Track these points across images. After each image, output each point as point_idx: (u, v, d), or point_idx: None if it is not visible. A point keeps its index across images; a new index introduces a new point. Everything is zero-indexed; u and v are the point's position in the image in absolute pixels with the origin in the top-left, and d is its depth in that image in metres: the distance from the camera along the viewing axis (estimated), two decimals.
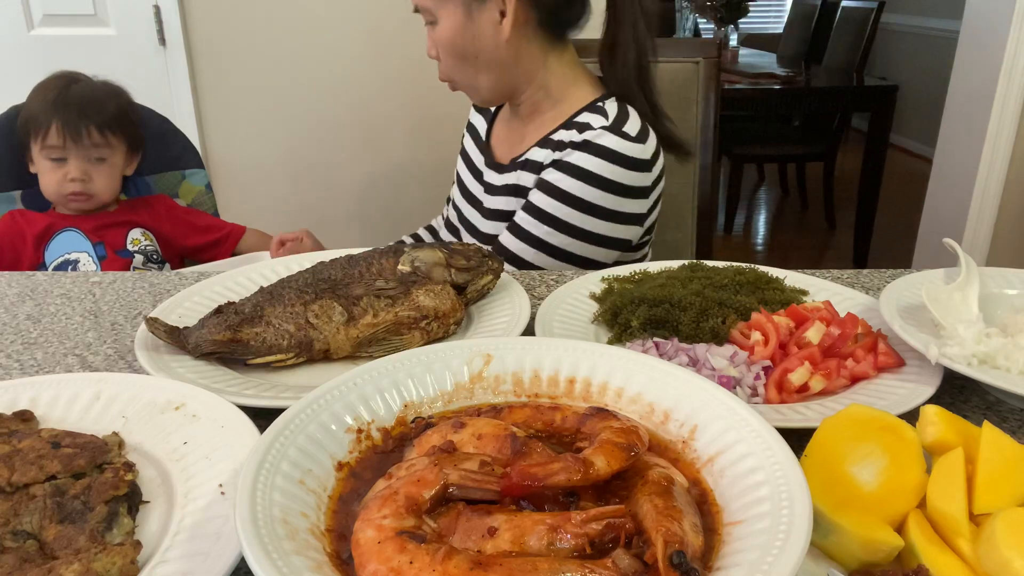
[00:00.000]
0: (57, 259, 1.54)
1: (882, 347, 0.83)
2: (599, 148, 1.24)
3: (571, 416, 0.62)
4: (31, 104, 1.56)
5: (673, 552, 0.46)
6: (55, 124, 1.51)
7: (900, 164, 5.78)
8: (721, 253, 3.75)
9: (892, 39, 6.21)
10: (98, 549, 0.54)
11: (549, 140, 1.31)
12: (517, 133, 1.39)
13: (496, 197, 1.37)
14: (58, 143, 1.52)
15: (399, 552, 0.47)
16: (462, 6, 1.23)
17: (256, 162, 2.87)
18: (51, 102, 1.52)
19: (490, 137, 1.46)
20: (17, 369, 0.89)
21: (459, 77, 1.31)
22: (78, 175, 1.53)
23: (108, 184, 1.59)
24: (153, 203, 1.68)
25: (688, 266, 1.07)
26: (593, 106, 1.30)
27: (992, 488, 0.55)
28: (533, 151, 1.32)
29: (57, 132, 1.51)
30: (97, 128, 1.54)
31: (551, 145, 1.30)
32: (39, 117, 1.52)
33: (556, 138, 1.30)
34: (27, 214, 1.58)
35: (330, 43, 2.76)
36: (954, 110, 3.05)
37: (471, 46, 1.25)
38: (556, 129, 1.31)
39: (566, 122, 1.31)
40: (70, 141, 1.52)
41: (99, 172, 1.56)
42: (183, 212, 1.72)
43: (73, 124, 1.51)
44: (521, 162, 1.33)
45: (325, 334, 0.88)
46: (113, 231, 1.60)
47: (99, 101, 1.57)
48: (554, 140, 1.30)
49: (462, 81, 1.32)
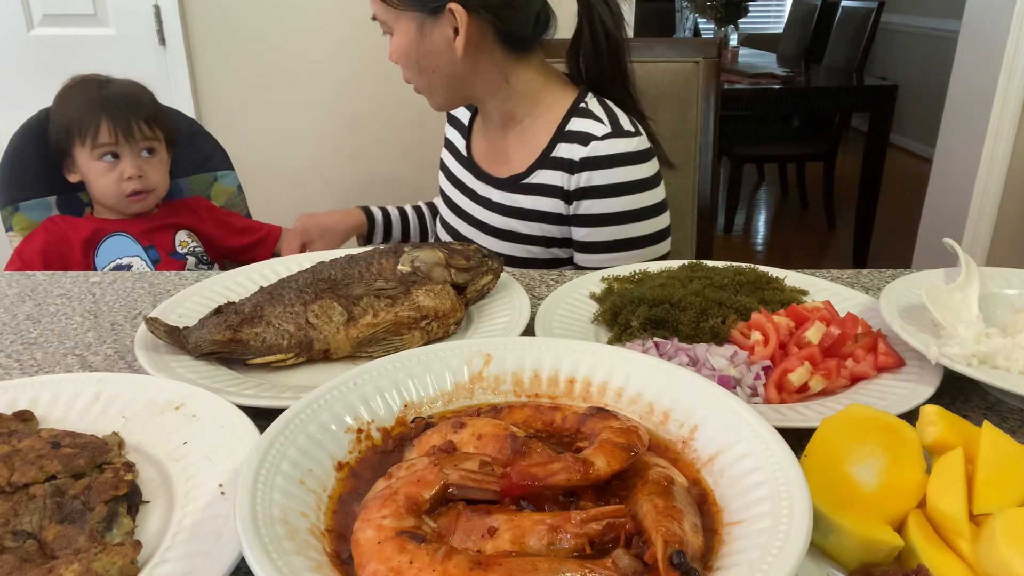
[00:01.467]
0: (109, 264, 1.53)
1: (882, 347, 0.83)
2: (615, 158, 1.25)
3: (571, 416, 0.62)
4: (67, 108, 1.53)
5: (673, 552, 0.46)
6: (105, 122, 1.50)
7: (900, 164, 5.78)
8: (721, 253, 3.75)
9: (892, 39, 6.21)
10: (98, 549, 0.54)
11: (552, 160, 1.29)
12: (499, 144, 1.38)
13: (503, 217, 1.34)
14: (110, 140, 1.50)
15: (399, 552, 0.47)
16: (415, 22, 1.22)
17: (256, 162, 2.87)
18: (94, 102, 1.51)
19: (471, 151, 1.43)
20: (17, 369, 0.89)
21: (416, 84, 1.31)
22: (134, 172, 1.52)
23: (162, 178, 1.59)
24: (193, 205, 1.67)
25: (688, 266, 1.07)
26: (578, 109, 1.29)
27: (992, 488, 0.55)
28: (540, 174, 1.30)
29: (108, 129, 1.50)
30: (145, 122, 1.54)
31: (558, 165, 1.28)
32: (84, 118, 1.50)
33: (560, 156, 1.28)
34: (68, 220, 1.56)
35: (330, 43, 2.76)
36: (954, 110, 3.05)
37: (425, 60, 1.24)
38: (551, 145, 1.29)
39: (558, 134, 1.29)
40: (122, 137, 1.51)
41: (151, 166, 1.56)
42: (222, 214, 1.72)
43: (123, 119, 1.51)
44: (524, 185, 1.31)
45: (325, 334, 0.88)
46: (161, 234, 1.59)
47: (137, 96, 1.57)
48: (559, 159, 1.28)
49: (419, 88, 1.32)
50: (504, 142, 1.36)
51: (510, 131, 1.35)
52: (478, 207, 1.39)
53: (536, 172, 1.30)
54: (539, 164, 1.30)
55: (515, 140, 1.35)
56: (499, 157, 1.38)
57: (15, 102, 1.69)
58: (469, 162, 1.42)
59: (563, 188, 1.28)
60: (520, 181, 1.32)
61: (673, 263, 1.09)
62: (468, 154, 1.43)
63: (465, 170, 1.43)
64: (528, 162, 1.31)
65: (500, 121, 1.35)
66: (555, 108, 1.31)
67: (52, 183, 1.62)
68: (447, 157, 1.50)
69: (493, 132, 1.39)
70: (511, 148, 1.35)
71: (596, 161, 1.25)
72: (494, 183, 1.36)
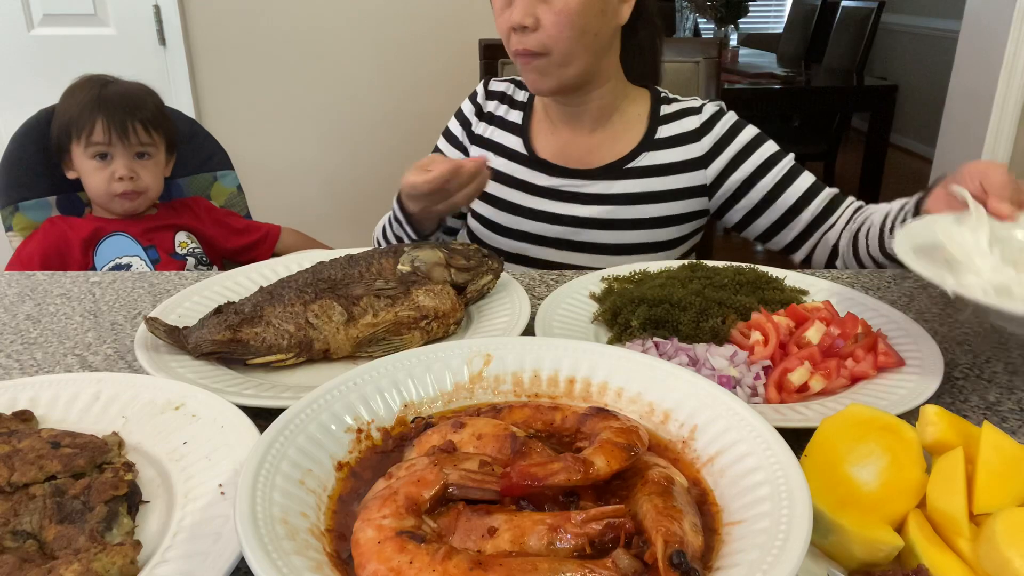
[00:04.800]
0: (108, 263, 1.53)
1: (882, 347, 0.83)
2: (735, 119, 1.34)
3: (571, 416, 0.62)
4: (69, 106, 1.54)
5: (673, 552, 0.46)
6: (100, 121, 1.50)
7: (900, 164, 5.78)
8: (721, 253, 3.74)
9: (892, 39, 6.21)
10: (98, 549, 0.54)
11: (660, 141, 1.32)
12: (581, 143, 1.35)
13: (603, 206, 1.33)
14: (103, 139, 1.50)
15: (399, 552, 0.47)
16: None
17: (256, 162, 2.87)
18: (93, 100, 1.51)
19: (533, 150, 1.38)
20: (17, 369, 0.89)
21: (560, 50, 1.20)
22: (125, 172, 1.52)
23: (154, 181, 1.58)
24: (192, 205, 1.67)
25: (688, 266, 1.07)
26: (660, 99, 1.36)
27: (992, 488, 0.55)
28: (648, 156, 1.32)
29: (103, 128, 1.50)
30: (142, 125, 1.53)
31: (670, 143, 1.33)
32: (81, 116, 1.51)
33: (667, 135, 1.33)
34: (68, 220, 1.56)
35: (330, 43, 2.76)
36: (954, 110, 3.05)
37: (593, 22, 1.19)
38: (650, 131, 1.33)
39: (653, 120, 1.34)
40: (116, 138, 1.50)
41: (145, 169, 1.55)
42: (221, 214, 1.71)
43: (119, 120, 1.50)
44: (631, 169, 1.32)
45: (325, 334, 0.88)
46: (160, 234, 1.59)
47: (138, 98, 1.56)
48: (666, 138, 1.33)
49: (558, 57, 1.21)
50: (591, 139, 1.35)
51: (601, 127, 1.35)
52: (561, 203, 1.35)
53: (642, 155, 1.32)
54: (644, 147, 1.32)
55: (605, 136, 1.35)
56: (581, 153, 1.35)
57: (15, 102, 1.69)
58: (534, 160, 1.37)
59: (693, 159, 1.32)
60: (624, 166, 1.33)
61: (673, 263, 1.09)
62: (530, 152, 1.38)
63: (529, 169, 1.37)
64: (628, 148, 1.33)
65: (596, 115, 1.34)
66: (638, 103, 1.36)
67: (52, 183, 1.61)
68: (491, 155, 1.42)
69: (580, 129, 1.36)
70: (599, 143, 1.35)
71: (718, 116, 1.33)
72: (584, 175, 1.34)
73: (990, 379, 0.85)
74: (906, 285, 1.12)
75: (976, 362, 0.89)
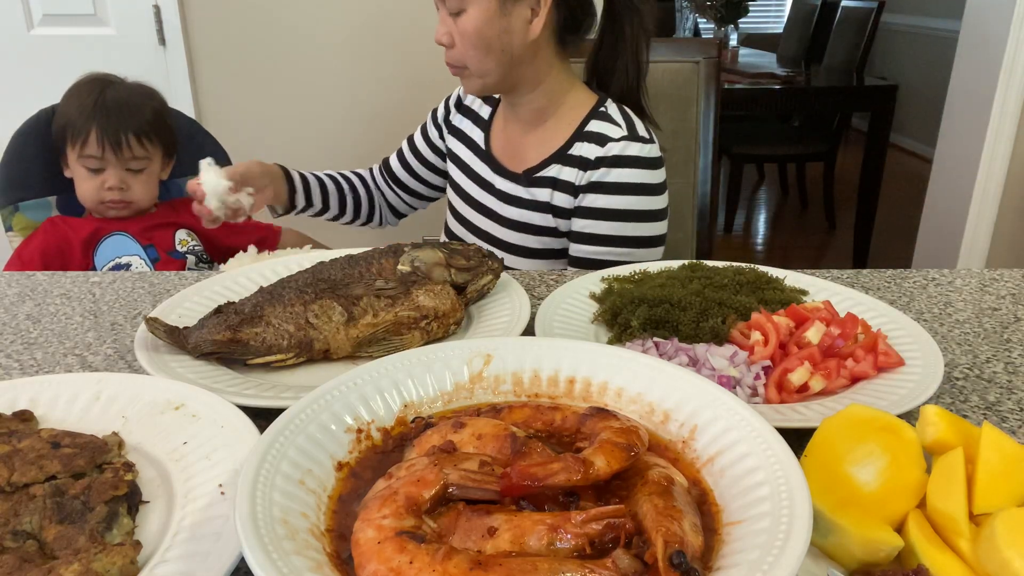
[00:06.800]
0: (108, 263, 1.53)
1: (882, 347, 0.83)
2: (630, 159, 1.29)
3: (571, 416, 0.62)
4: (67, 109, 1.54)
5: (673, 552, 0.46)
6: (94, 131, 1.49)
7: (900, 164, 5.78)
8: (721, 253, 3.75)
9: (892, 39, 6.21)
10: (98, 549, 0.54)
11: (568, 157, 1.32)
12: (519, 140, 1.40)
13: (518, 208, 1.37)
14: (97, 153, 1.50)
15: (399, 552, 0.47)
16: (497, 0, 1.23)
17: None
18: (89, 107, 1.51)
19: (490, 145, 1.45)
20: (17, 369, 0.89)
21: (472, 65, 1.28)
22: (116, 183, 1.52)
23: (146, 191, 1.58)
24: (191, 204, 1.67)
25: (688, 266, 1.07)
26: (598, 112, 1.34)
27: (992, 488, 0.55)
28: (553, 168, 1.33)
29: (96, 141, 1.50)
30: (136, 137, 1.53)
31: (574, 163, 1.32)
32: (77, 123, 1.50)
33: (575, 153, 1.32)
34: (68, 220, 1.57)
35: (330, 43, 2.76)
36: (954, 110, 3.05)
37: (497, 40, 1.25)
38: (569, 143, 1.33)
39: (576, 133, 1.33)
40: (109, 151, 1.50)
41: (137, 180, 1.56)
42: None
43: (113, 132, 1.50)
44: (539, 178, 1.35)
45: (325, 334, 0.88)
46: (160, 232, 1.59)
47: (136, 105, 1.56)
48: (575, 156, 1.32)
49: (474, 70, 1.29)
50: (525, 139, 1.39)
51: (534, 128, 1.38)
52: (496, 200, 1.41)
53: (551, 167, 1.34)
54: (555, 159, 1.34)
55: (536, 138, 1.37)
56: (517, 152, 1.40)
57: (15, 102, 1.69)
58: (488, 156, 1.44)
59: (574, 184, 1.32)
60: (533, 175, 1.35)
61: (673, 263, 1.09)
62: (487, 148, 1.45)
63: (483, 163, 1.45)
64: (543, 157, 1.35)
65: (528, 117, 1.38)
66: (577, 109, 1.35)
67: (52, 183, 1.62)
68: (457, 146, 1.50)
69: (516, 127, 1.41)
70: (531, 144, 1.38)
71: (615, 161, 1.29)
72: (511, 177, 1.39)
73: (990, 379, 0.85)
74: (906, 285, 1.12)
75: (976, 362, 0.89)
